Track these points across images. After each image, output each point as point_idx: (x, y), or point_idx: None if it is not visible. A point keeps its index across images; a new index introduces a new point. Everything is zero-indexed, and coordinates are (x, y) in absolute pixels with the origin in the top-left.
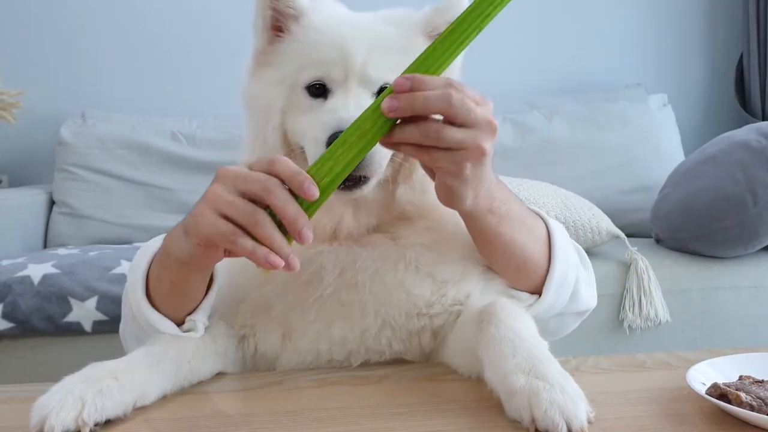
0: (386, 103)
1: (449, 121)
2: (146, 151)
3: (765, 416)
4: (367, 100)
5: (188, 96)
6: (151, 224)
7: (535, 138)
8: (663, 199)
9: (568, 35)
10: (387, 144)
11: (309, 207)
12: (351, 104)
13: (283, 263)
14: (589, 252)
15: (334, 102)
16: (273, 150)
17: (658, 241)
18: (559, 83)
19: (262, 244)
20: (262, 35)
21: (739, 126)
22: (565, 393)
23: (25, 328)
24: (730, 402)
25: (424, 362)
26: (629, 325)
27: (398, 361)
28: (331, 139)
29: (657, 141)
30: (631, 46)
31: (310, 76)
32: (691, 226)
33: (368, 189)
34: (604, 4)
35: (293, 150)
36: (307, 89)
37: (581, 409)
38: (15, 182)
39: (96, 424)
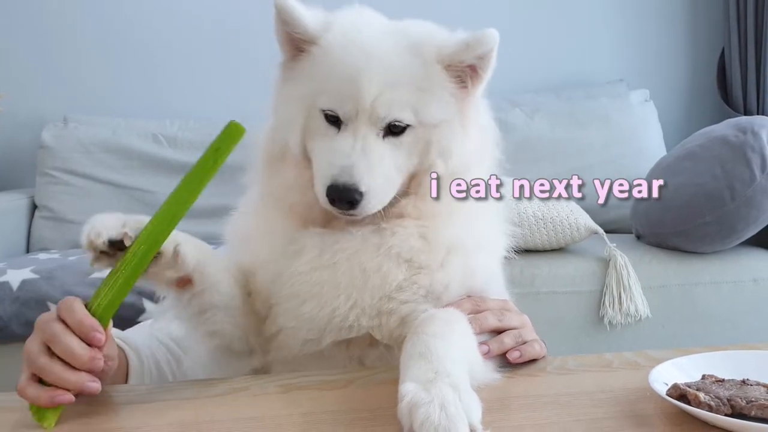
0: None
1: None
2: (128, 153)
3: (722, 416)
4: (373, 138)
5: (169, 98)
6: None
7: (517, 136)
8: None
9: (550, 32)
10: None
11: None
12: (357, 147)
13: (66, 399)
14: (568, 249)
15: (342, 140)
16: (296, 157)
17: (638, 237)
18: (540, 80)
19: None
20: (283, 50)
21: (722, 120)
22: (445, 411)
23: (4, 334)
24: (689, 402)
25: (390, 367)
26: (609, 321)
27: (366, 366)
28: (329, 191)
29: (639, 137)
30: (612, 42)
31: (324, 104)
32: (670, 222)
33: (367, 209)
34: (585, 0)
35: (311, 162)
36: (323, 113)
37: (458, 430)
38: None
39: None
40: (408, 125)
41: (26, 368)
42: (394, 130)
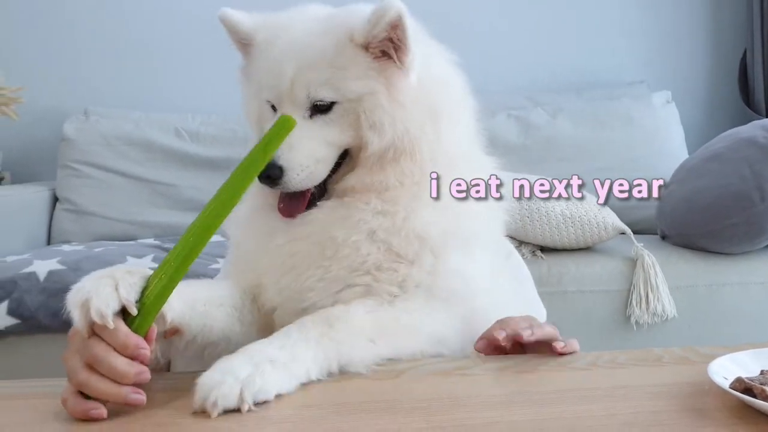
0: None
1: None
2: (149, 147)
3: None
4: (299, 120)
5: (191, 92)
6: (155, 221)
7: (539, 135)
8: (668, 196)
9: (572, 32)
10: None
11: (143, 321)
12: None
13: (98, 415)
14: (595, 248)
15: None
16: None
17: (663, 237)
18: (562, 80)
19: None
20: (241, 54)
21: (743, 123)
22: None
23: (31, 325)
24: (755, 396)
25: (439, 360)
26: (636, 321)
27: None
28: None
29: (661, 138)
30: (634, 43)
31: (265, 95)
32: (697, 222)
33: (293, 183)
34: (607, 0)
35: None
36: (269, 104)
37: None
38: (18, 179)
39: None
40: (333, 102)
41: (68, 380)
42: (321, 108)
